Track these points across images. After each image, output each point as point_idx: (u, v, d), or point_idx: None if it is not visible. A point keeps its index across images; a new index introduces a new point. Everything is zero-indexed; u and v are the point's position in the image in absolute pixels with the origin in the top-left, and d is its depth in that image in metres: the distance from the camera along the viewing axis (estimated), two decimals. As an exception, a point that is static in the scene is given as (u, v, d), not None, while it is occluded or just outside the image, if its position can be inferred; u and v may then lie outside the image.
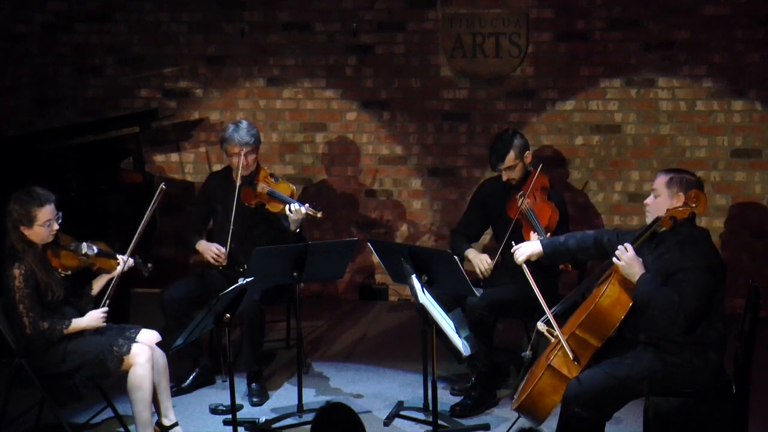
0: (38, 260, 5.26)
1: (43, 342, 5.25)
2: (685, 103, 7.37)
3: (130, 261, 5.55)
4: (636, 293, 4.83)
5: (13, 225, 5.26)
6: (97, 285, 5.57)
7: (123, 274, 5.51)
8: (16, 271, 5.20)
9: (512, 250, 5.45)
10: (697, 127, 7.38)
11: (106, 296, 5.43)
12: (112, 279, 5.50)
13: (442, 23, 7.61)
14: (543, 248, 5.37)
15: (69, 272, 5.41)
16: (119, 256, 5.53)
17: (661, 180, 4.97)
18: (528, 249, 5.40)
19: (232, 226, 6.31)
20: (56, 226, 5.32)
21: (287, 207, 6.18)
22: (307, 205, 6.14)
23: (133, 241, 5.48)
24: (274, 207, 6.29)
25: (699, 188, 4.92)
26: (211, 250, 6.34)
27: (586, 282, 5.22)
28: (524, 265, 5.36)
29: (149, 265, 5.67)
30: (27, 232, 5.26)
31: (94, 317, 5.36)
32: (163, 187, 5.68)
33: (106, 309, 5.40)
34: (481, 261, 6.16)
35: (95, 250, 5.44)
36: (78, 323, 5.32)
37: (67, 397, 5.38)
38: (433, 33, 7.65)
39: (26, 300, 5.20)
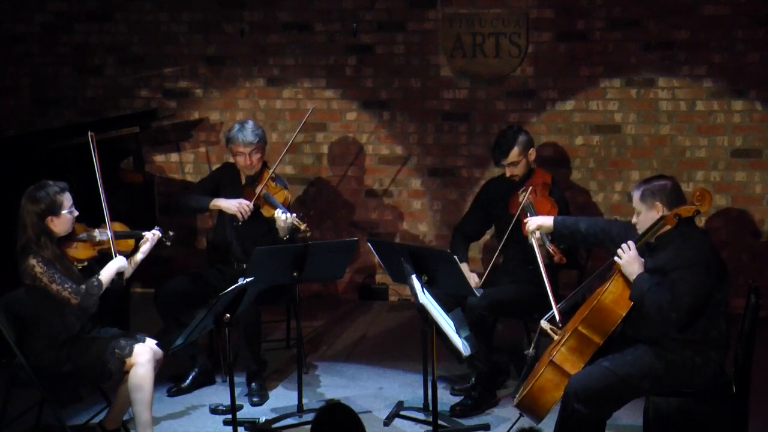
0: (56, 255, 5.25)
1: (93, 300, 5.24)
2: (685, 103, 7.37)
3: (158, 233, 5.60)
4: (632, 292, 4.85)
5: (39, 217, 5.21)
6: (130, 268, 5.53)
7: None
8: (33, 261, 5.18)
9: (524, 220, 5.50)
10: (697, 127, 7.38)
11: (113, 251, 5.39)
12: (143, 256, 5.54)
13: (442, 23, 7.61)
14: (554, 223, 5.41)
15: (85, 263, 5.38)
16: (146, 233, 5.55)
17: (635, 197, 5.00)
18: (539, 220, 5.45)
19: (234, 224, 6.37)
20: (76, 212, 5.33)
21: (275, 212, 6.21)
22: (294, 215, 6.15)
23: (105, 210, 5.46)
24: (267, 211, 6.34)
25: (674, 190, 4.92)
26: (239, 201, 6.34)
27: (588, 281, 5.24)
28: (533, 238, 5.38)
29: (171, 233, 5.70)
30: (54, 222, 5.24)
31: (119, 259, 5.37)
32: (92, 133, 5.67)
33: (122, 258, 5.40)
34: (469, 279, 6.14)
35: (108, 235, 5.41)
36: (108, 270, 5.32)
37: (67, 398, 5.37)
38: (433, 33, 7.65)
39: (55, 277, 5.18)
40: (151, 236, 5.58)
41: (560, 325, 5.13)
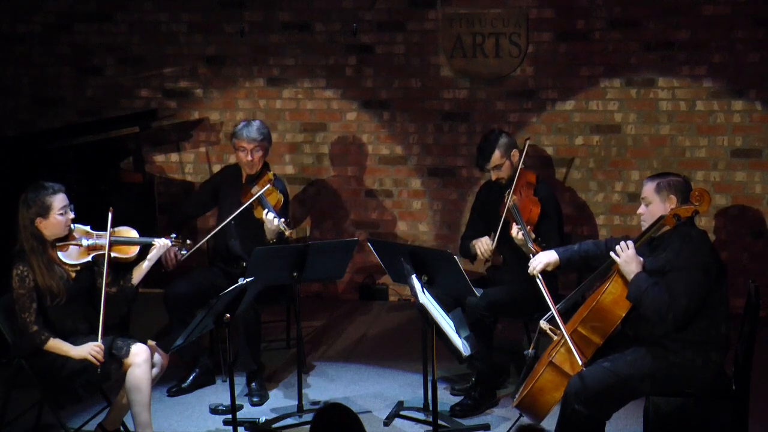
0: (43, 261, 5.23)
1: (31, 345, 5.22)
2: (685, 103, 7.37)
3: (168, 242, 5.55)
4: (629, 291, 4.85)
5: (29, 219, 5.21)
6: (137, 274, 5.51)
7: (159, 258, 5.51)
8: (14, 272, 5.20)
9: (530, 263, 5.46)
10: (697, 127, 7.38)
11: (101, 322, 5.21)
12: (150, 263, 5.45)
13: (442, 23, 7.61)
14: (558, 256, 5.38)
15: (78, 268, 5.34)
16: (155, 240, 5.51)
17: (648, 187, 4.98)
18: (544, 258, 5.42)
19: (232, 222, 6.37)
20: (71, 215, 5.30)
21: (264, 214, 6.17)
22: (282, 219, 6.12)
23: (108, 227, 5.33)
24: (258, 212, 6.31)
25: (686, 188, 4.93)
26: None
27: (587, 280, 5.23)
28: (539, 275, 5.37)
29: (189, 241, 5.66)
30: (43, 224, 5.22)
31: (84, 350, 5.19)
32: (111, 208, 5.37)
33: (100, 344, 5.19)
34: (481, 243, 6.17)
35: (107, 240, 5.31)
36: (60, 345, 5.19)
37: (67, 399, 5.36)
38: (433, 33, 7.65)
39: (20, 300, 5.18)
40: (159, 245, 5.53)
41: (559, 326, 5.12)
